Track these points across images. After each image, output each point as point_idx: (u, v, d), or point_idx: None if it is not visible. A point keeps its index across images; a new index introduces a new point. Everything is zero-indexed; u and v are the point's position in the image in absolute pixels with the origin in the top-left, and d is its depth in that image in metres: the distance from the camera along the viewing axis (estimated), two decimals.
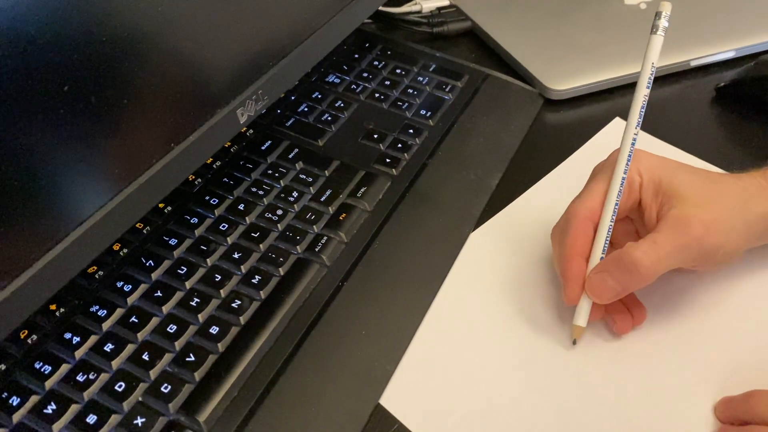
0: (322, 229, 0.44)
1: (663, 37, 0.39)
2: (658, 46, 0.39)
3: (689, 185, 0.37)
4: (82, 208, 0.34)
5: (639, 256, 0.35)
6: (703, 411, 0.36)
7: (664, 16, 0.39)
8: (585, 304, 0.38)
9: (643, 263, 0.35)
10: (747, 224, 0.37)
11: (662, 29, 0.39)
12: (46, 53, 0.30)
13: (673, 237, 0.36)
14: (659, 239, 0.36)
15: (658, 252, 0.36)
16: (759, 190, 0.38)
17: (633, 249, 0.36)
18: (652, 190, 0.38)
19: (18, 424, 0.34)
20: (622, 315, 0.39)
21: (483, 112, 0.54)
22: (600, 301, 0.38)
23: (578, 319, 0.38)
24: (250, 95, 0.43)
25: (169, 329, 0.38)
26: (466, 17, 0.63)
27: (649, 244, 0.36)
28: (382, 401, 0.37)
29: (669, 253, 0.36)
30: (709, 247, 0.36)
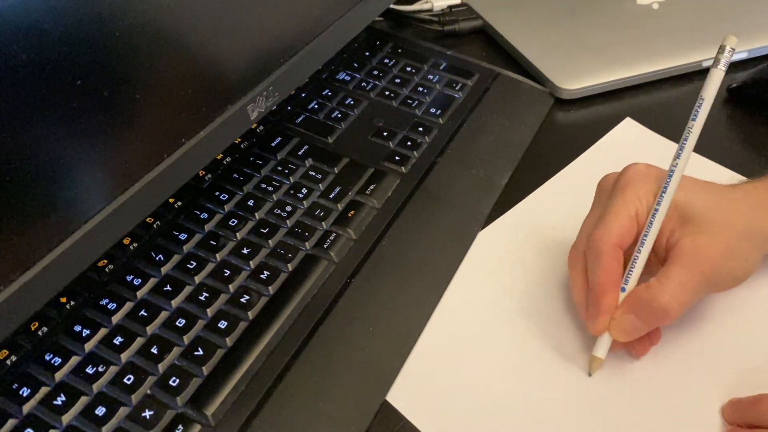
0: (331, 226, 0.44)
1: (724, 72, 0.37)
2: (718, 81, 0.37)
3: (702, 209, 0.36)
4: (94, 202, 0.35)
5: (667, 301, 0.35)
6: (710, 412, 0.36)
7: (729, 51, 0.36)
8: (608, 336, 0.37)
9: (673, 306, 0.35)
10: (758, 242, 0.37)
11: (724, 64, 0.37)
12: (60, 47, 0.30)
13: (695, 272, 0.35)
14: (684, 277, 0.35)
15: (685, 292, 0.35)
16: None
17: (660, 293, 0.35)
18: (667, 213, 0.37)
19: (28, 414, 0.34)
20: (641, 341, 0.38)
21: (493, 110, 0.54)
22: (625, 340, 0.37)
23: (599, 351, 0.37)
24: (260, 92, 0.43)
25: (178, 323, 0.38)
26: (477, 16, 0.63)
27: (675, 285, 0.35)
28: (389, 398, 0.37)
29: (695, 290, 0.35)
30: (726, 273, 0.36)
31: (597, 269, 0.37)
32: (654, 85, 0.56)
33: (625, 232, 0.37)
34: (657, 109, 0.55)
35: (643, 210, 0.37)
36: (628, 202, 0.37)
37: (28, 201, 0.31)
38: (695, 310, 0.40)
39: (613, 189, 0.38)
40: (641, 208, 0.37)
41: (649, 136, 0.52)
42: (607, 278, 0.36)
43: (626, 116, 0.54)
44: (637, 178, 0.38)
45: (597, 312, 0.37)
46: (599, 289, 0.36)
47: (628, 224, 0.37)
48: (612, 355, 0.38)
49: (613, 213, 0.37)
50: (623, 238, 0.37)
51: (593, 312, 0.37)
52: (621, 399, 0.37)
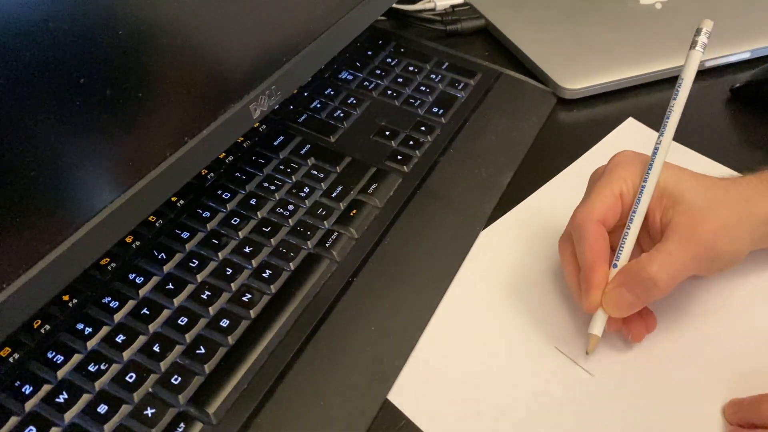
0: (333, 225, 0.44)
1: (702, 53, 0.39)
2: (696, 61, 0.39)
3: (693, 190, 0.37)
4: (96, 200, 0.35)
5: (656, 271, 0.35)
6: (712, 411, 0.36)
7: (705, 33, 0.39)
8: (602, 313, 0.37)
9: (661, 277, 0.35)
10: (751, 227, 0.37)
11: (701, 45, 0.39)
12: (63, 46, 0.30)
13: (686, 245, 0.35)
14: (673, 250, 0.35)
15: (674, 263, 0.35)
16: (758, 194, 0.38)
17: (649, 263, 0.35)
18: (657, 194, 0.38)
19: (30, 412, 0.35)
20: (637, 324, 0.38)
21: (495, 110, 0.54)
22: (618, 315, 0.37)
23: (594, 328, 0.37)
24: (263, 90, 0.43)
25: (180, 321, 0.38)
26: (480, 15, 0.63)
27: (664, 256, 0.35)
28: (390, 397, 0.37)
29: (684, 264, 0.36)
30: (718, 253, 0.36)
31: (582, 246, 0.37)
32: (657, 85, 0.56)
33: (607, 210, 0.38)
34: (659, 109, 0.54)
35: (629, 190, 0.38)
36: (612, 183, 0.38)
37: (30, 199, 0.31)
38: (697, 309, 0.40)
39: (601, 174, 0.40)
40: (626, 188, 0.38)
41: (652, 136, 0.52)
42: (593, 253, 0.37)
43: (629, 116, 0.54)
44: (623, 162, 0.39)
45: (587, 287, 0.37)
46: (587, 265, 0.37)
47: (612, 202, 0.38)
48: (616, 359, 0.39)
49: (596, 192, 0.38)
50: (606, 215, 0.38)
51: (584, 288, 0.37)
52: (623, 398, 0.37)
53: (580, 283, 0.38)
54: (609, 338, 0.39)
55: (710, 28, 0.39)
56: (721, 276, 0.41)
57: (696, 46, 0.39)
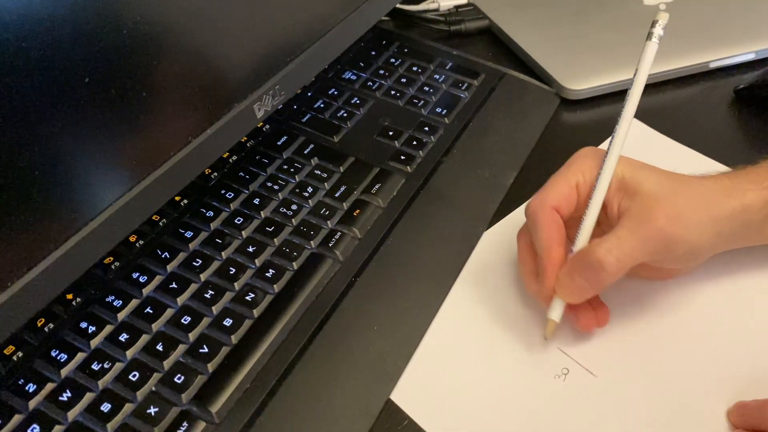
0: (336, 225, 0.44)
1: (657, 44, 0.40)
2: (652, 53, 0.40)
3: (652, 181, 0.37)
4: (100, 200, 0.35)
5: (603, 254, 0.35)
6: (716, 414, 0.36)
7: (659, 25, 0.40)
8: (560, 299, 0.38)
9: (608, 260, 0.35)
10: (713, 220, 0.36)
11: (657, 37, 0.40)
12: (69, 45, 0.30)
13: (636, 230, 0.35)
14: (622, 234, 0.36)
15: (622, 247, 0.35)
16: (724, 189, 0.37)
17: (596, 247, 0.36)
18: (614, 185, 0.38)
19: (34, 410, 0.35)
20: (586, 313, 0.39)
21: (499, 110, 0.54)
22: (571, 300, 0.37)
23: (553, 313, 0.38)
24: (267, 90, 0.43)
25: (183, 320, 0.38)
26: (484, 16, 0.63)
27: (612, 240, 0.35)
28: (393, 396, 0.37)
29: (633, 248, 0.35)
30: (671, 238, 0.36)
31: (537, 233, 0.38)
32: (660, 86, 0.56)
33: (561, 198, 0.38)
34: (663, 110, 0.54)
35: (585, 182, 0.39)
36: (569, 174, 0.39)
37: (34, 198, 0.31)
38: (702, 311, 0.40)
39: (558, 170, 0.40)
40: (582, 180, 0.39)
41: (655, 137, 0.52)
42: (548, 238, 0.37)
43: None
44: (581, 156, 0.40)
45: (543, 270, 0.37)
46: (543, 250, 0.37)
47: (567, 191, 0.38)
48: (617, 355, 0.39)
49: (551, 182, 0.39)
50: (560, 203, 0.38)
51: (541, 273, 0.38)
52: (626, 400, 0.37)
53: (533, 272, 0.38)
54: (611, 339, 0.39)
55: (665, 20, 0.40)
56: (724, 277, 0.41)
57: (652, 37, 0.40)
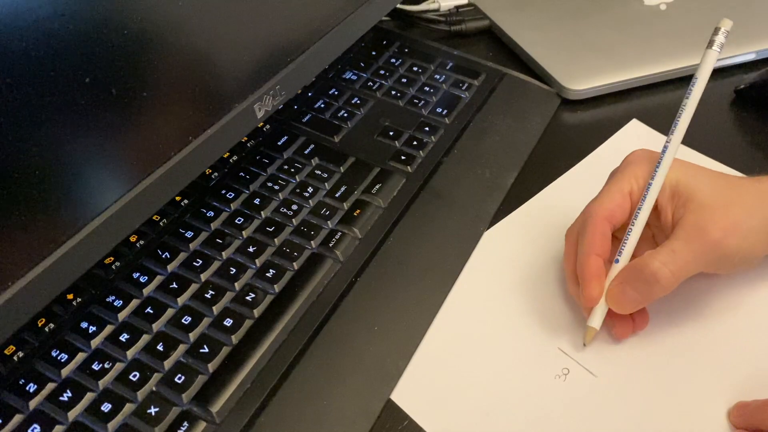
0: (337, 225, 0.44)
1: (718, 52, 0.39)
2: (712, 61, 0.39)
3: (706, 188, 0.37)
4: (101, 200, 0.35)
5: (658, 267, 0.35)
6: (717, 414, 0.36)
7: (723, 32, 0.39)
8: (602, 307, 0.38)
9: (663, 274, 0.35)
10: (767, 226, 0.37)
11: (718, 45, 0.39)
12: (69, 45, 0.30)
13: (692, 244, 0.35)
14: (677, 247, 0.35)
15: (677, 261, 0.35)
16: None
17: (651, 259, 0.35)
18: (668, 192, 0.38)
19: (34, 410, 0.35)
20: (623, 320, 0.38)
21: (499, 110, 0.54)
22: (621, 311, 0.37)
23: (594, 321, 0.38)
24: (267, 90, 0.43)
25: (184, 321, 0.38)
26: (484, 16, 0.63)
27: (667, 252, 0.35)
28: (393, 397, 0.37)
29: (688, 262, 0.35)
30: (727, 250, 0.36)
31: (583, 238, 0.38)
32: (661, 86, 0.56)
33: (615, 207, 0.38)
34: (664, 110, 0.54)
35: (638, 189, 0.38)
36: (623, 181, 0.39)
37: (35, 198, 0.31)
38: (704, 310, 0.40)
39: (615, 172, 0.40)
40: (636, 186, 0.38)
41: (656, 138, 0.52)
42: (589, 246, 0.38)
43: (633, 117, 0.54)
44: (635, 160, 0.39)
45: (582, 278, 0.38)
46: (582, 257, 0.38)
47: (620, 200, 0.38)
48: (621, 360, 0.39)
49: (606, 190, 0.39)
50: (613, 212, 0.38)
51: (581, 282, 0.38)
52: (626, 399, 0.37)
53: (575, 275, 0.39)
54: (612, 339, 0.39)
55: (728, 27, 0.38)
56: (728, 276, 0.41)
57: (713, 45, 0.39)
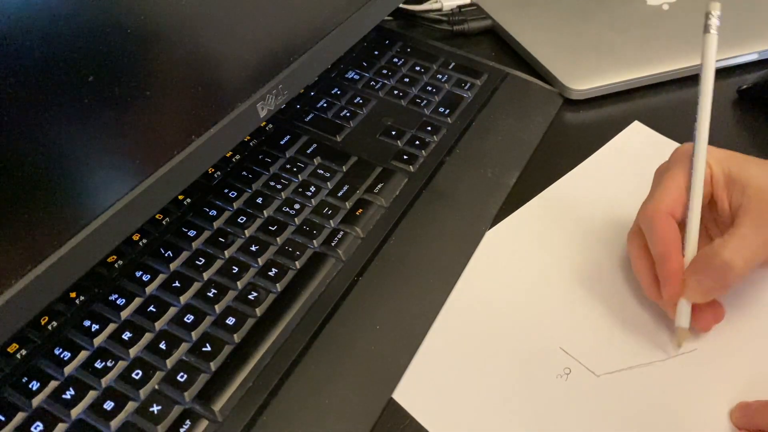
0: (339, 224, 0.44)
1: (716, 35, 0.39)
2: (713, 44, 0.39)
3: (761, 176, 0.37)
4: (104, 198, 0.35)
5: (729, 256, 0.35)
6: (718, 414, 0.36)
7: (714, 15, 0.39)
8: (686, 304, 0.37)
9: (736, 261, 0.35)
10: None
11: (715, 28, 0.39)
12: (72, 44, 0.30)
13: (760, 228, 0.35)
14: (746, 233, 0.35)
15: (749, 246, 0.35)
16: None
17: (722, 248, 0.35)
18: (722, 181, 0.38)
19: (37, 408, 0.35)
20: (704, 313, 0.38)
21: (502, 110, 0.54)
22: (700, 301, 0.37)
23: (681, 320, 0.37)
24: (270, 90, 0.43)
25: (186, 319, 0.38)
26: (487, 16, 0.63)
27: (736, 240, 0.35)
28: (395, 396, 0.37)
29: (759, 246, 0.35)
30: None
31: (654, 239, 0.38)
32: (663, 86, 0.56)
33: (674, 202, 0.38)
34: (666, 110, 0.54)
35: None
36: (677, 176, 0.38)
37: (38, 196, 0.32)
38: None
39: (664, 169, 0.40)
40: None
41: (658, 139, 0.52)
42: (665, 244, 0.37)
43: (635, 118, 0.53)
44: (684, 156, 0.39)
45: (664, 279, 0.37)
46: (661, 257, 0.37)
47: (677, 195, 0.38)
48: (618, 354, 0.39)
49: (662, 186, 0.39)
50: (673, 208, 0.38)
51: (662, 280, 0.37)
52: (629, 399, 0.37)
53: (652, 276, 0.38)
54: (613, 338, 0.39)
55: (718, 9, 0.38)
56: None
57: (710, 29, 0.39)
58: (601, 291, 0.42)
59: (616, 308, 0.41)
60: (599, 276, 0.43)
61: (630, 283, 0.42)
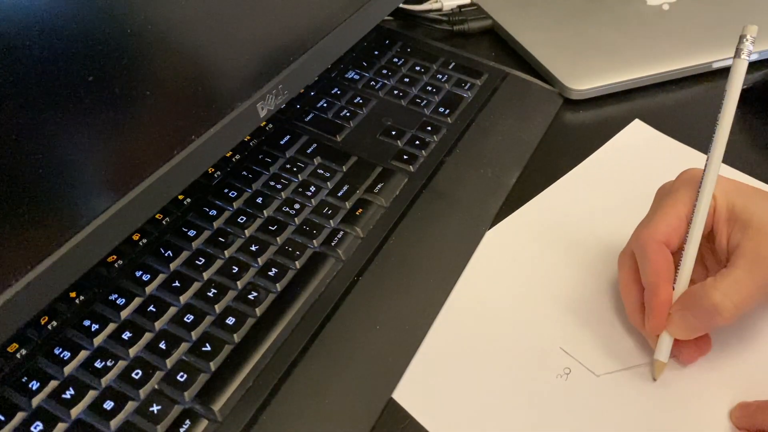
0: (339, 224, 0.44)
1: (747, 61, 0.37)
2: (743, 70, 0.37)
3: (764, 213, 0.35)
4: (104, 198, 0.35)
5: (719, 299, 0.33)
6: (718, 414, 0.36)
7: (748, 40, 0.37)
8: (667, 338, 0.36)
9: (726, 306, 0.33)
10: None
11: (747, 53, 0.37)
12: (72, 43, 0.30)
13: (754, 272, 0.34)
14: (739, 277, 0.34)
15: (740, 292, 0.34)
16: None
17: (713, 290, 0.34)
18: (725, 215, 0.36)
19: (37, 408, 0.35)
20: (687, 345, 0.37)
21: (502, 110, 0.54)
22: (682, 338, 0.36)
23: (661, 354, 0.36)
24: (270, 90, 0.43)
25: (186, 319, 0.38)
26: (487, 16, 0.63)
27: (728, 283, 0.34)
28: (395, 396, 0.37)
29: (752, 292, 0.34)
30: None
31: (646, 268, 0.36)
32: (663, 86, 0.56)
33: (671, 231, 0.37)
34: (666, 110, 0.54)
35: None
36: (678, 203, 0.37)
37: (38, 196, 0.32)
38: None
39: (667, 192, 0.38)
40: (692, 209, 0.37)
41: (658, 138, 0.52)
42: (656, 275, 0.36)
43: (635, 117, 0.54)
44: (689, 182, 0.38)
45: (650, 310, 0.36)
46: (650, 287, 0.36)
47: (676, 224, 0.37)
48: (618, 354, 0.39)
49: (661, 213, 0.37)
50: (669, 237, 0.37)
51: (648, 311, 0.36)
52: (629, 399, 0.37)
53: (638, 303, 0.37)
54: (613, 338, 0.39)
55: (754, 33, 0.37)
56: None
57: (741, 54, 0.37)
58: (601, 290, 0.42)
59: (616, 308, 0.41)
60: (600, 276, 0.43)
61: None
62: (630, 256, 0.38)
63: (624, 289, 0.39)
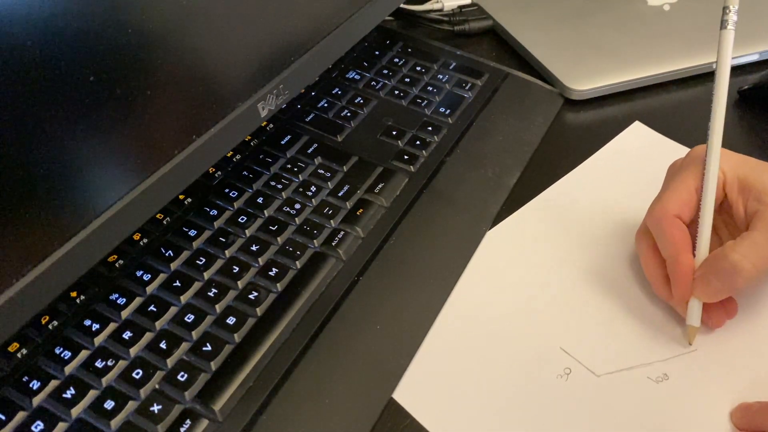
0: (339, 224, 0.44)
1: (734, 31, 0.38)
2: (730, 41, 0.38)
3: None
4: (104, 198, 0.35)
5: (738, 259, 0.35)
6: (719, 415, 0.36)
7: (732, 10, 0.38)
8: (696, 303, 0.38)
9: (744, 266, 0.35)
10: None
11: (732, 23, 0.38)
12: (73, 43, 0.30)
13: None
14: (758, 239, 0.35)
15: (758, 252, 0.35)
16: None
17: (731, 251, 0.35)
18: (737, 187, 0.38)
19: (38, 407, 0.35)
20: (716, 310, 0.39)
21: (502, 110, 0.54)
22: (709, 300, 0.37)
23: (692, 319, 0.38)
24: (271, 89, 0.43)
25: (187, 319, 0.38)
26: (488, 16, 0.63)
27: (747, 244, 0.35)
28: (395, 396, 0.37)
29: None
30: None
31: (663, 241, 0.38)
32: (664, 86, 0.56)
33: (683, 204, 0.38)
34: (666, 110, 0.54)
35: None
36: (688, 178, 0.39)
37: (39, 196, 0.32)
38: None
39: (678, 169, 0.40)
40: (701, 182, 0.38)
41: (658, 140, 0.52)
42: (675, 246, 0.37)
43: (636, 118, 0.53)
44: (698, 158, 0.39)
45: (675, 279, 0.38)
46: (671, 258, 0.38)
47: (687, 197, 0.38)
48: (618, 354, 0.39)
49: (672, 188, 0.39)
50: (682, 210, 0.38)
51: (673, 281, 0.38)
52: (629, 399, 0.37)
53: (662, 276, 0.39)
54: (613, 338, 0.39)
55: (737, 5, 0.38)
56: None
57: (727, 25, 0.38)
58: (601, 291, 0.42)
59: (616, 308, 0.41)
60: (600, 276, 0.43)
61: (630, 283, 0.42)
62: (647, 234, 0.40)
63: (646, 265, 0.40)
